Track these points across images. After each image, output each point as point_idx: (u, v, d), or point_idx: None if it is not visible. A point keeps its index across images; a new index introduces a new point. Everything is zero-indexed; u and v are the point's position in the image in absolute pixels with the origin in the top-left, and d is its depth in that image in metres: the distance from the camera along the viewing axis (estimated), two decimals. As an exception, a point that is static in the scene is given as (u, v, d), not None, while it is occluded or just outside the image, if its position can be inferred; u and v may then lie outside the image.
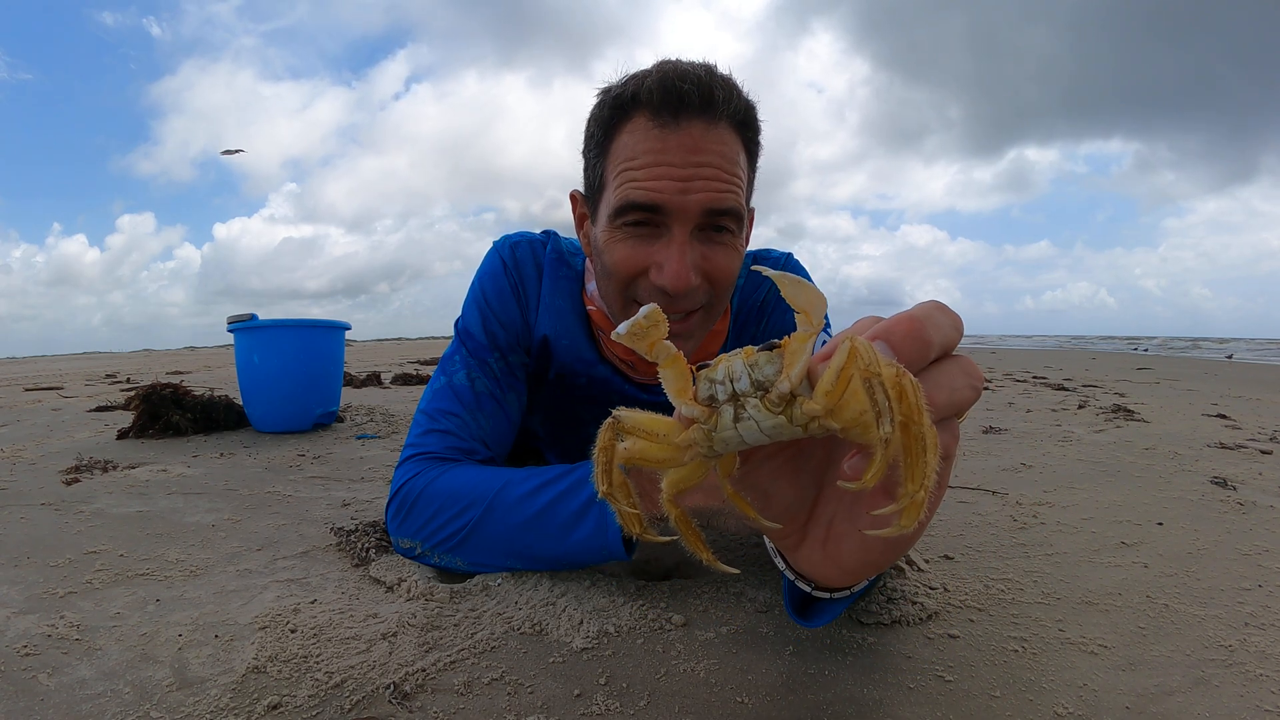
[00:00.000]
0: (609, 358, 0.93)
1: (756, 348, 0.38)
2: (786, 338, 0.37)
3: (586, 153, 0.82)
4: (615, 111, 0.76)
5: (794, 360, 0.36)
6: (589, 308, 0.92)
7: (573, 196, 0.88)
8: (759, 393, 0.36)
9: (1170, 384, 4.05)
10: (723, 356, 0.38)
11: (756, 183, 0.83)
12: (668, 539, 0.47)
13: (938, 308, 0.38)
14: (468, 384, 0.91)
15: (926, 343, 0.36)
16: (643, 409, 0.41)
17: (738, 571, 0.48)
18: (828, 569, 0.47)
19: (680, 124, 0.72)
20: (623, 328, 0.37)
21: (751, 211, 0.87)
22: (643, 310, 0.37)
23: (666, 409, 0.41)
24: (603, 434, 0.41)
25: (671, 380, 0.39)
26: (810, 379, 0.36)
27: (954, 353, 0.39)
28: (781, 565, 0.55)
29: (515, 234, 0.98)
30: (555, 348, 0.93)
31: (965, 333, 0.39)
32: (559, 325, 0.92)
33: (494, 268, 0.95)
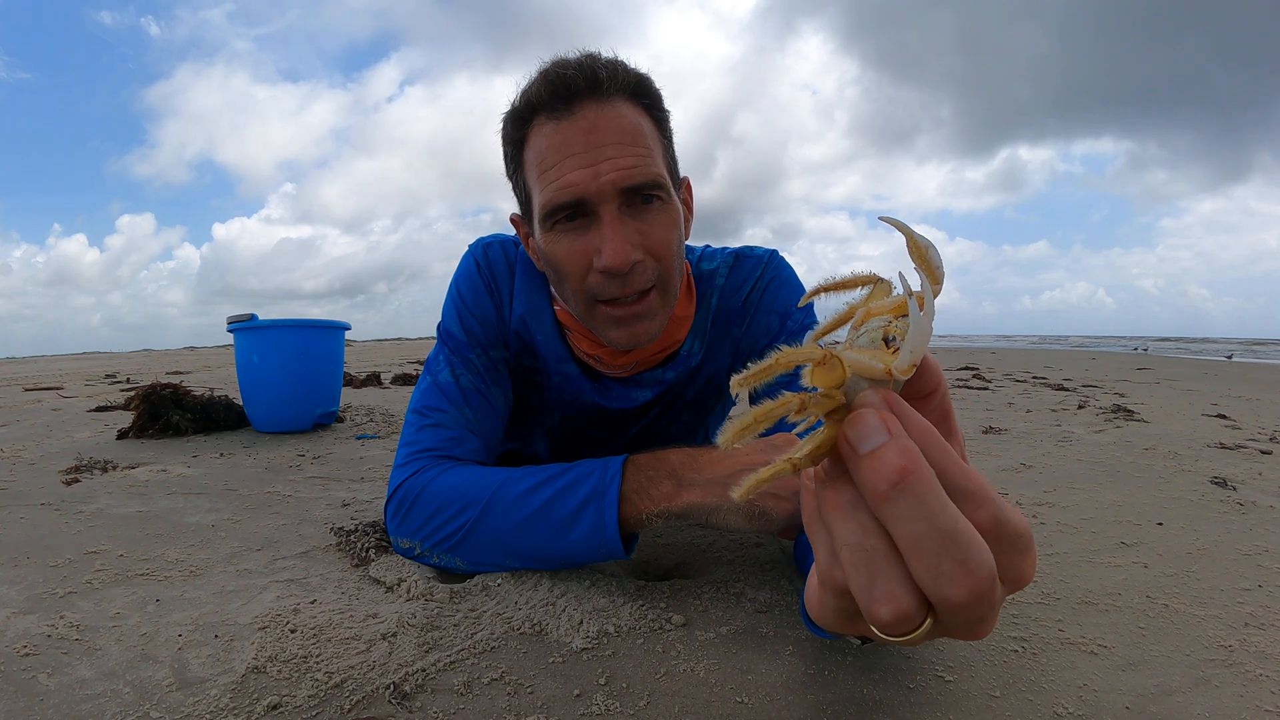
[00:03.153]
0: (578, 355, 0.93)
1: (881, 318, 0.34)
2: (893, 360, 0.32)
3: (508, 173, 0.84)
4: (517, 125, 0.78)
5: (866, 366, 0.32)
6: (555, 307, 0.93)
7: (513, 221, 0.90)
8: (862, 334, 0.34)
9: (1170, 384, 4.05)
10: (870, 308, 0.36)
11: (751, 181, 0.83)
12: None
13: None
14: (453, 381, 0.91)
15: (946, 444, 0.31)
16: (606, 416, 0.39)
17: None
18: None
19: (574, 110, 0.73)
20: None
21: (686, 181, 0.88)
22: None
23: (629, 414, 0.39)
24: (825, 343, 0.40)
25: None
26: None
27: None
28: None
29: (489, 235, 1.00)
30: (529, 343, 0.95)
31: (965, 333, 0.37)
32: (532, 320, 0.93)
33: (468, 269, 0.96)
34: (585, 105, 0.73)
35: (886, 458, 0.28)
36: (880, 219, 0.34)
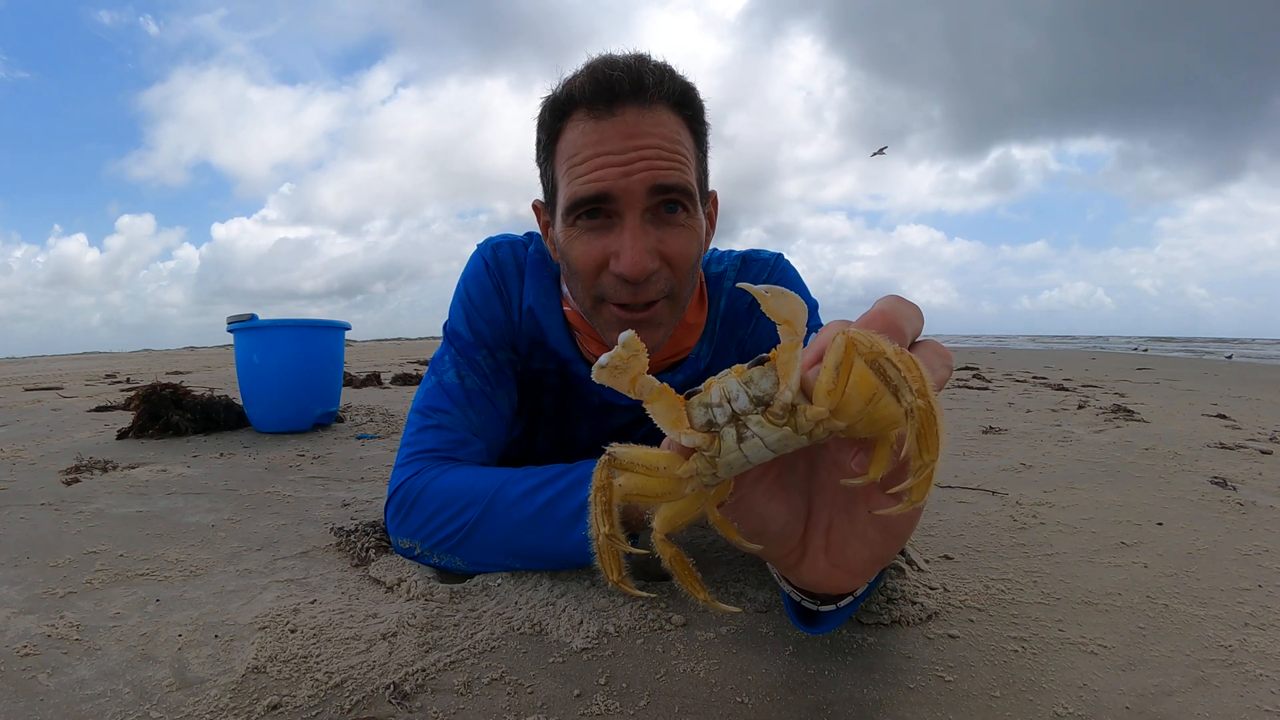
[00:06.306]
0: (587, 356, 0.93)
1: (746, 365, 0.37)
2: (774, 350, 0.36)
3: (538, 160, 0.83)
4: (555, 115, 0.77)
5: (787, 370, 0.35)
6: (565, 308, 0.93)
7: (535, 207, 0.89)
8: (759, 408, 0.36)
9: (1170, 384, 4.05)
10: (711, 380, 0.37)
11: (746, 181, 0.84)
12: (645, 594, 0.47)
13: (897, 300, 0.40)
14: (458, 382, 0.91)
15: (902, 331, 0.38)
16: (611, 418, 0.40)
17: (738, 610, 0.49)
18: (836, 575, 0.47)
19: (615, 112, 0.73)
20: (603, 360, 0.35)
21: (713, 195, 0.87)
22: (621, 339, 0.35)
23: (635, 417, 0.40)
24: (599, 472, 0.39)
25: (663, 413, 0.37)
26: (804, 385, 0.36)
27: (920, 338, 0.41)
28: (786, 587, 0.55)
29: (498, 236, 0.99)
30: (539, 344, 0.94)
31: (963, 332, 0.40)
32: (541, 322, 0.93)
33: (477, 269, 0.96)
34: (627, 108, 0.72)
35: (877, 310, 0.39)
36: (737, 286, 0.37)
